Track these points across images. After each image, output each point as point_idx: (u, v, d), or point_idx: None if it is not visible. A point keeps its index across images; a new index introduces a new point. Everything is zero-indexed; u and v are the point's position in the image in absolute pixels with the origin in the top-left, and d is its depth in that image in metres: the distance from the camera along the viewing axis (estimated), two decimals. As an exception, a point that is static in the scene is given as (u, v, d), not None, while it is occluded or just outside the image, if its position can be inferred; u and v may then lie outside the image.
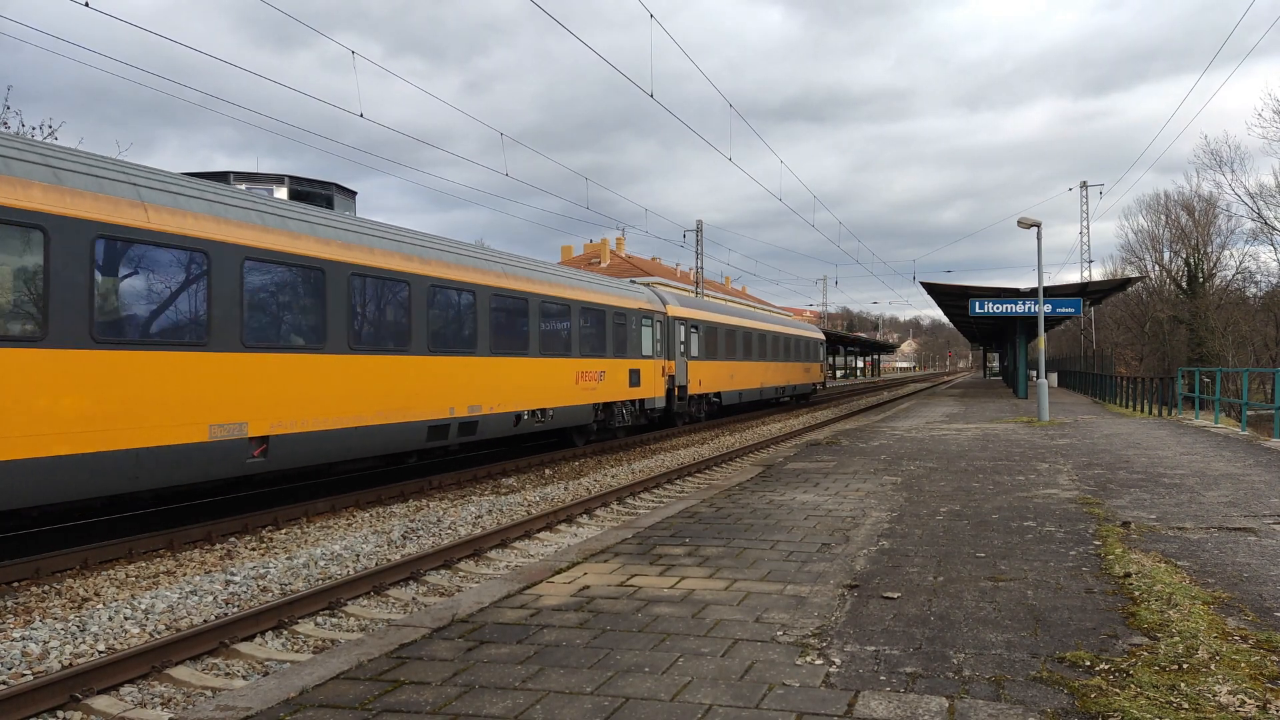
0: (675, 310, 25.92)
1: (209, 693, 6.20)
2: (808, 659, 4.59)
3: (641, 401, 23.07)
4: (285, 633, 7.45)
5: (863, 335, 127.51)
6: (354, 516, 12.54)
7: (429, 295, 14.30)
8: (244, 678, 6.51)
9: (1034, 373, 31.21)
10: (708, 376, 28.23)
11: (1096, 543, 7.30)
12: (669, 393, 25.12)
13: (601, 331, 20.66)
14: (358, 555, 10.08)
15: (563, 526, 12.04)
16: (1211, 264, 56.24)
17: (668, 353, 25.02)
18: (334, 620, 7.89)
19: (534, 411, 17.43)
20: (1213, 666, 4.35)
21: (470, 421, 15.17)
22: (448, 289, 14.86)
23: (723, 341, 29.80)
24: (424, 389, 14.06)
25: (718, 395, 29.36)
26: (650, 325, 23.76)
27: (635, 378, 22.46)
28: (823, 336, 48.17)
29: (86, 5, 11.94)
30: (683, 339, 26.18)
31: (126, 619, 7.55)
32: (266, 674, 6.18)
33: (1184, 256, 57.75)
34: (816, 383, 45.68)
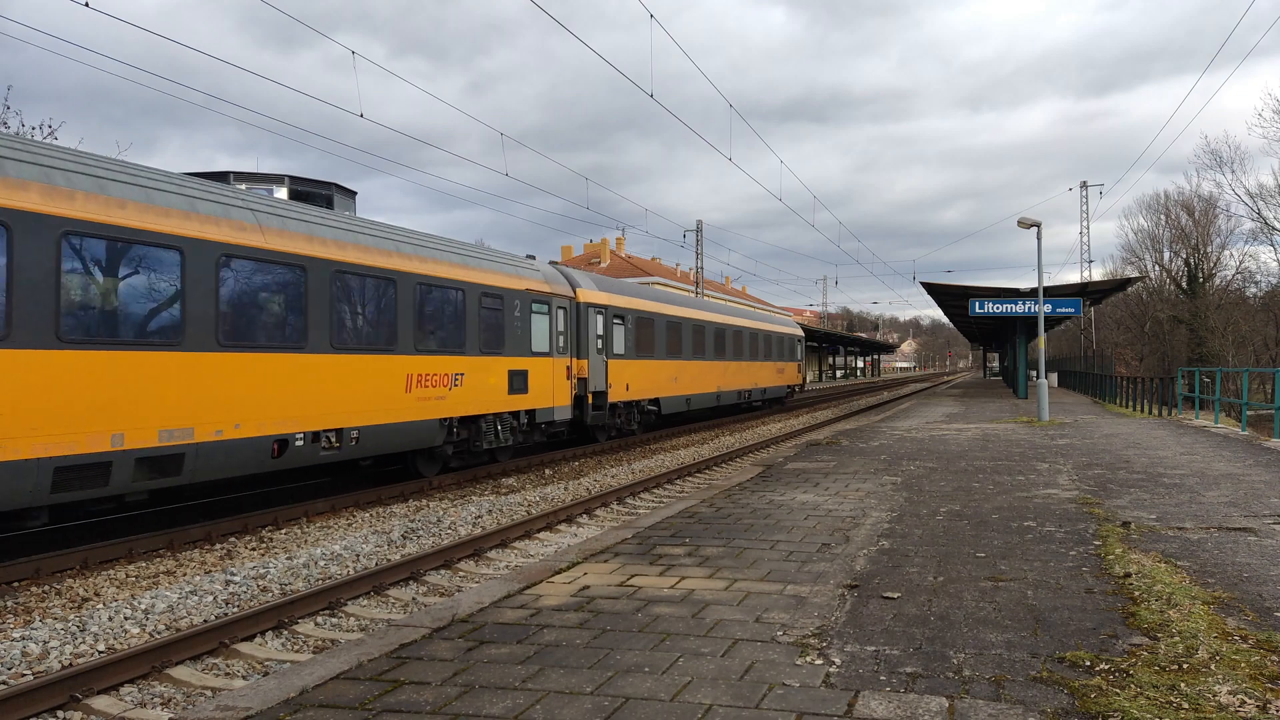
0: (589, 295, 20.53)
1: (209, 693, 6.20)
2: (808, 659, 4.59)
3: (531, 413, 17.69)
4: (285, 633, 7.45)
5: (862, 335, 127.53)
6: (354, 516, 12.54)
7: (60, 252, 8.95)
8: (244, 678, 6.51)
9: (1034, 373, 31.22)
10: (639, 379, 23.06)
11: (1096, 543, 7.30)
12: (579, 400, 19.88)
13: (458, 318, 15.25)
14: (358, 555, 10.08)
15: (563, 526, 12.05)
16: (1211, 264, 56.37)
17: (576, 349, 19.70)
18: (334, 620, 7.89)
19: (319, 434, 11.99)
20: (1213, 666, 4.35)
21: (167, 455, 9.88)
22: (121, 241, 9.59)
23: (662, 336, 24.69)
24: (40, 405, 8.69)
25: (655, 402, 24.32)
26: (546, 313, 18.34)
27: (520, 381, 17.06)
28: (801, 332, 42.71)
29: (86, 5, 11.95)
30: (601, 331, 20.91)
31: (126, 619, 7.55)
32: (266, 674, 6.18)
33: (1184, 256, 57.89)
34: (793, 385, 40.26)
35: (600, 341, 20.87)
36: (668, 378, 25.14)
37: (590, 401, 20.24)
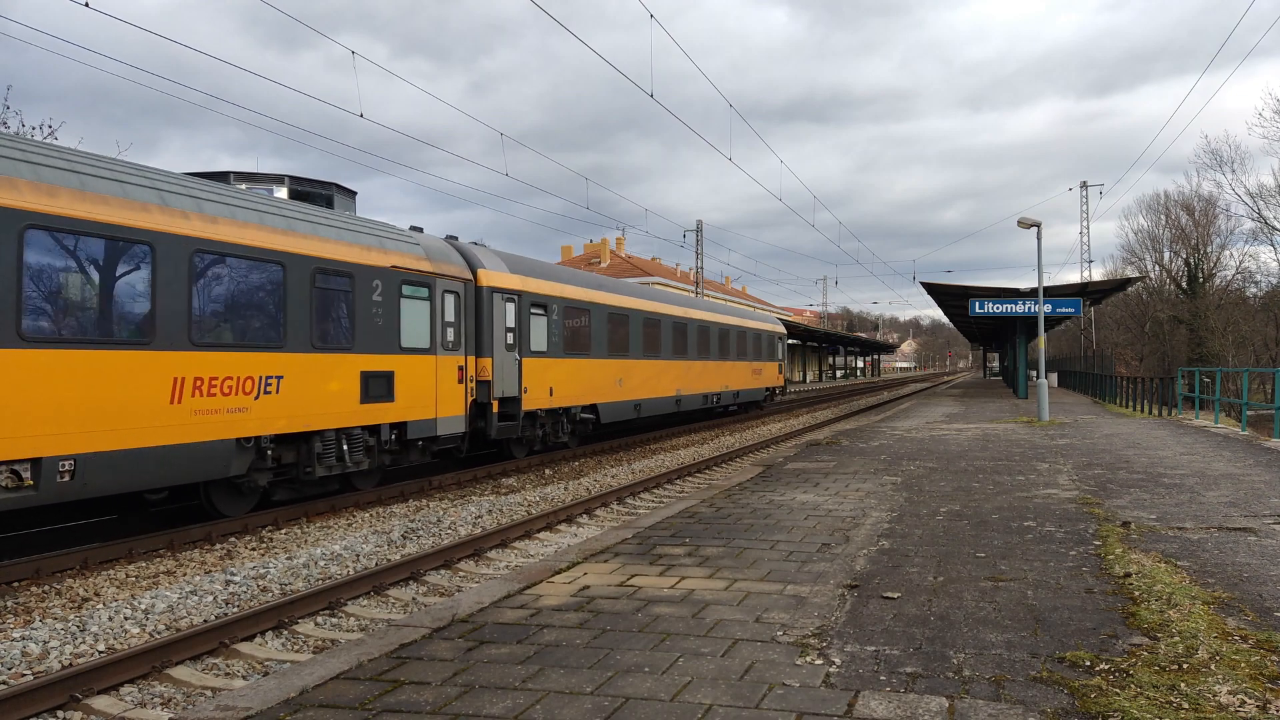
0: (495, 277, 16.55)
1: (209, 693, 6.20)
2: (808, 659, 4.59)
3: (401, 426, 13.86)
4: (285, 633, 7.45)
5: (862, 335, 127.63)
6: (354, 516, 12.54)
7: None
8: (244, 678, 6.52)
9: (1034, 373, 31.22)
10: (568, 381, 19.09)
11: (1096, 543, 7.30)
12: (482, 409, 16.10)
13: (273, 301, 11.52)
14: (358, 555, 10.08)
15: (563, 526, 12.05)
16: (1211, 264, 56.38)
17: (476, 345, 16.01)
18: (334, 620, 7.89)
19: None
20: (1213, 666, 4.35)
21: None
22: None
23: (601, 330, 20.96)
24: None
25: (591, 409, 20.36)
26: (426, 298, 14.47)
27: (381, 386, 13.30)
28: (783, 329, 38.30)
29: (87, 5, 11.95)
30: (512, 324, 16.96)
31: (126, 619, 7.55)
32: (266, 674, 6.18)
33: (1184, 256, 57.89)
34: (772, 387, 36.22)
35: (511, 336, 16.95)
36: (609, 380, 21.21)
37: (496, 410, 16.38)
